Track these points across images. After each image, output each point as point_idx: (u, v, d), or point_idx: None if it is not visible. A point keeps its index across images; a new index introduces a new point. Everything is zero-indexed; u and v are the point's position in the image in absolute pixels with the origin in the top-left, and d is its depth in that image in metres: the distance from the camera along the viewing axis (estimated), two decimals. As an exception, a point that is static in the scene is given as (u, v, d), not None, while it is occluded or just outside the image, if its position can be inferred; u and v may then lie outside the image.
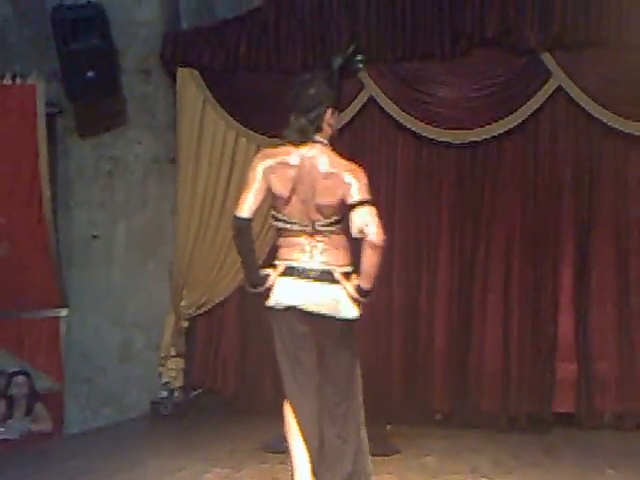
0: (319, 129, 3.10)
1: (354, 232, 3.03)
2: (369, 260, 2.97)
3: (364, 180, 3.04)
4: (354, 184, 3.02)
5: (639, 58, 4.74)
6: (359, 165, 3.14)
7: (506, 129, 5.01)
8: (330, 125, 3.12)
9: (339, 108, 3.24)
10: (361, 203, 2.99)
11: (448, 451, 4.15)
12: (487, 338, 5.00)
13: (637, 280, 4.89)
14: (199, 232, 5.44)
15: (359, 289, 3.03)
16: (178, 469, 3.69)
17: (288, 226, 3.10)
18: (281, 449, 3.62)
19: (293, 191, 3.05)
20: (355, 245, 3.18)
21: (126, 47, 5.55)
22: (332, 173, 3.06)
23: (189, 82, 5.47)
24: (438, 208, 5.19)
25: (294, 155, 3.07)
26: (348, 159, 3.15)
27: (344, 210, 3.08)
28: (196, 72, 5.47)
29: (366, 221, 2.97)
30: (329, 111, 3.11)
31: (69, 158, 5.81)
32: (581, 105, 4.90)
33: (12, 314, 5.73)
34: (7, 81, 5.65)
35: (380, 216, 2.97)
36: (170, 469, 3.69)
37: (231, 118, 5.39)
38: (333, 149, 3.16)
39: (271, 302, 3.09)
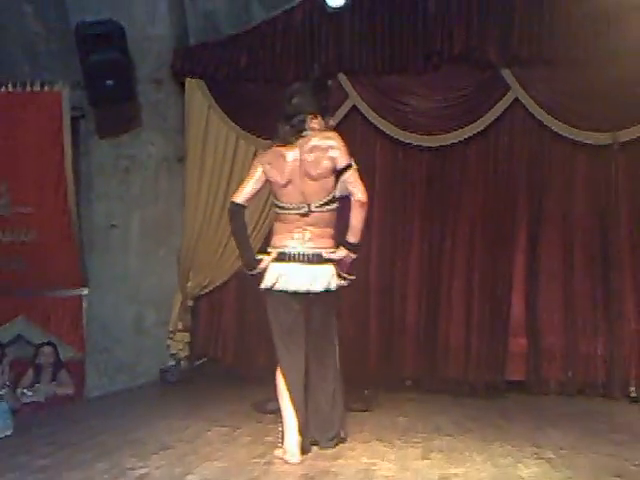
0: (301, 131, 3.10)
1: (342, 193, 3.07)
2: (356, 215, 3.02)
3: (343, 144, 3.06)
4: (337, 150, 3.04)
5: (585, 74, 4.80)
6: (334, 131, 3.15)
7: (470, 135, 5.03)
8: (313, 129, 3.11)
9: (323, 113, 3.19)
10: (347, 167, 3.03)
11: (416, 412, 4.16)
12: (452, 317, 5.02)
13: (580, 265, 4.93)
14: (204, 223, 5.42)
15: (348, 243, 3.05)
16: (184, 428, 3.68)
17: (285, 212, 3.12)
18: (268, 410, 3.68)
19: (289, 180, 3.07)
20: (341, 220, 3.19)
21: (141, 59, 5.52)
22: (316, 146, 3.06)
23: (196, 91, 5.45)
24: (411, 203, 5.20)
25: (289, 151, 3.09)
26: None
27: (335, 182, 3.08)
28: (202, 82, 5.44)
29: (353, 183, 3.01)
30: (310, 117, 3.11)
31: (90, 156, 5.77)
32: (535, 115, 4.94)
33: (40, 293, 5.72)
34: (36, 88, 5.62)
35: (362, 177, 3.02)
36: (177, 428, 3.69)
37: (232, 123, 5.37)
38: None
39: (265, 285, 3.10)
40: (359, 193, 3.01)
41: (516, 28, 4.85)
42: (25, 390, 5.13)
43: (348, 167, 3.03)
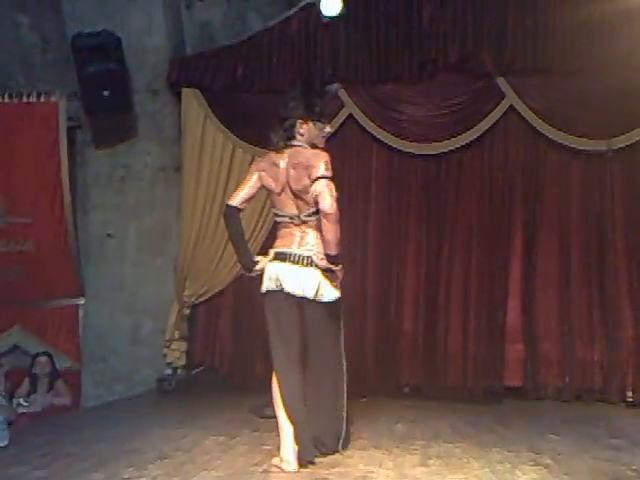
0: (292, 137, 3.12)
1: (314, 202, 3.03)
2: (326, 228, 2.99)
3: (325, 159, 3.04)
4: (316, 164, 3.03)
5: (580, 82, 4.82)
6: (324, 150, 3.14)
7: (466, 142, 5.04)
8: (302, 134, 3.13)
9: (315, 119, 3.18)
10: (319, 178, 2.99)
11: (414, 419, 4.15)
12: (449, 323, 5.02)
13: (576, 271, 4.93)
14: (200, 232, 5.41)
15: (327, 256, 3.04)
16: (181, 437, 3.67)
17: (281, 219, 3.16)
18: (266, 415, 3.66)
19: (283, 188, 3.10)
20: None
21: (137, 70, 5.53)
22: (299, 163, 3.08)
23: (192, 101, 5.46)
24: (407, 210, 5.21)
25: (281, 159, 3.12)
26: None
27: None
28: (198, 92, 5.45)
29: (320, 193, 2.97)
30: (299, 122, 3.13)
31: (87, 166, 5.77)
32: (529, 122, 4.95)
33: (37, 303, 5.69)
34: (33, 99, 5.62)
35: (335, 190, 2.98)
36: (174, 437, 3.67)
37: (229, 132, 5.38)
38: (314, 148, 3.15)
39: (262, 286, 3.11)
40: (322, 203, 2.96)
41: (510, 37, 4.88)
42: (21, 400, 5.11)
43: (319, 179, 3.00)
